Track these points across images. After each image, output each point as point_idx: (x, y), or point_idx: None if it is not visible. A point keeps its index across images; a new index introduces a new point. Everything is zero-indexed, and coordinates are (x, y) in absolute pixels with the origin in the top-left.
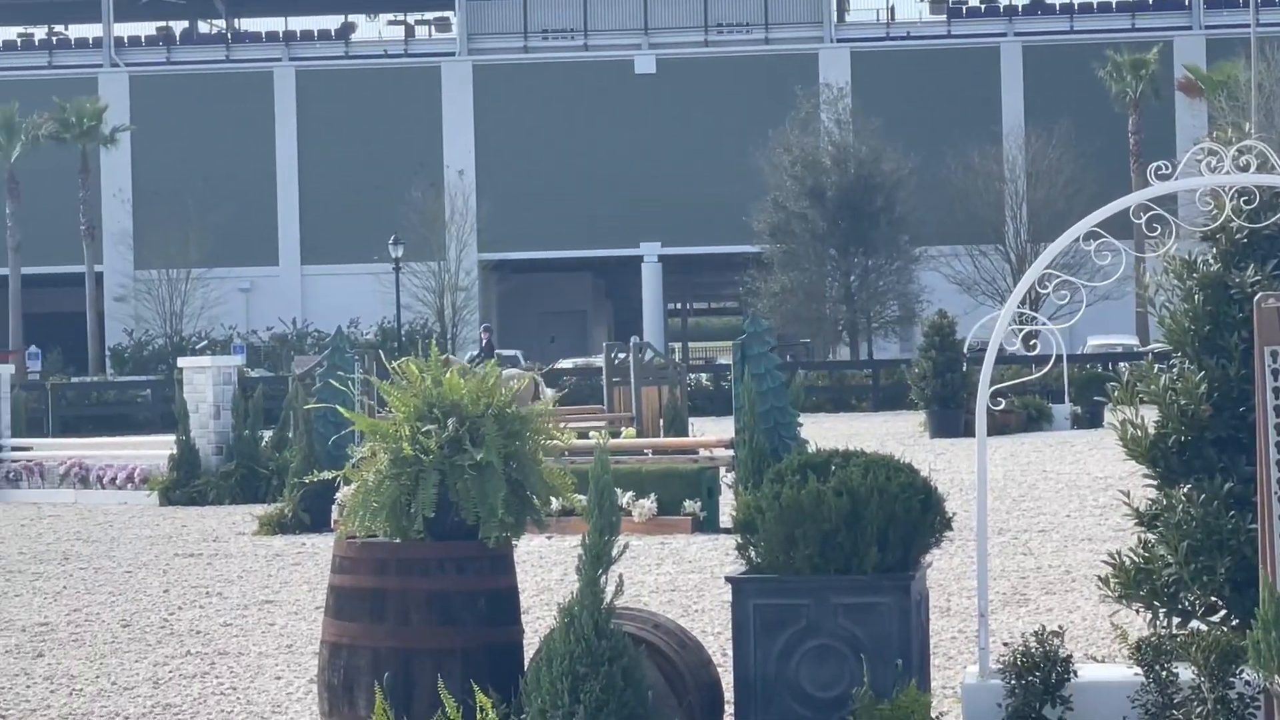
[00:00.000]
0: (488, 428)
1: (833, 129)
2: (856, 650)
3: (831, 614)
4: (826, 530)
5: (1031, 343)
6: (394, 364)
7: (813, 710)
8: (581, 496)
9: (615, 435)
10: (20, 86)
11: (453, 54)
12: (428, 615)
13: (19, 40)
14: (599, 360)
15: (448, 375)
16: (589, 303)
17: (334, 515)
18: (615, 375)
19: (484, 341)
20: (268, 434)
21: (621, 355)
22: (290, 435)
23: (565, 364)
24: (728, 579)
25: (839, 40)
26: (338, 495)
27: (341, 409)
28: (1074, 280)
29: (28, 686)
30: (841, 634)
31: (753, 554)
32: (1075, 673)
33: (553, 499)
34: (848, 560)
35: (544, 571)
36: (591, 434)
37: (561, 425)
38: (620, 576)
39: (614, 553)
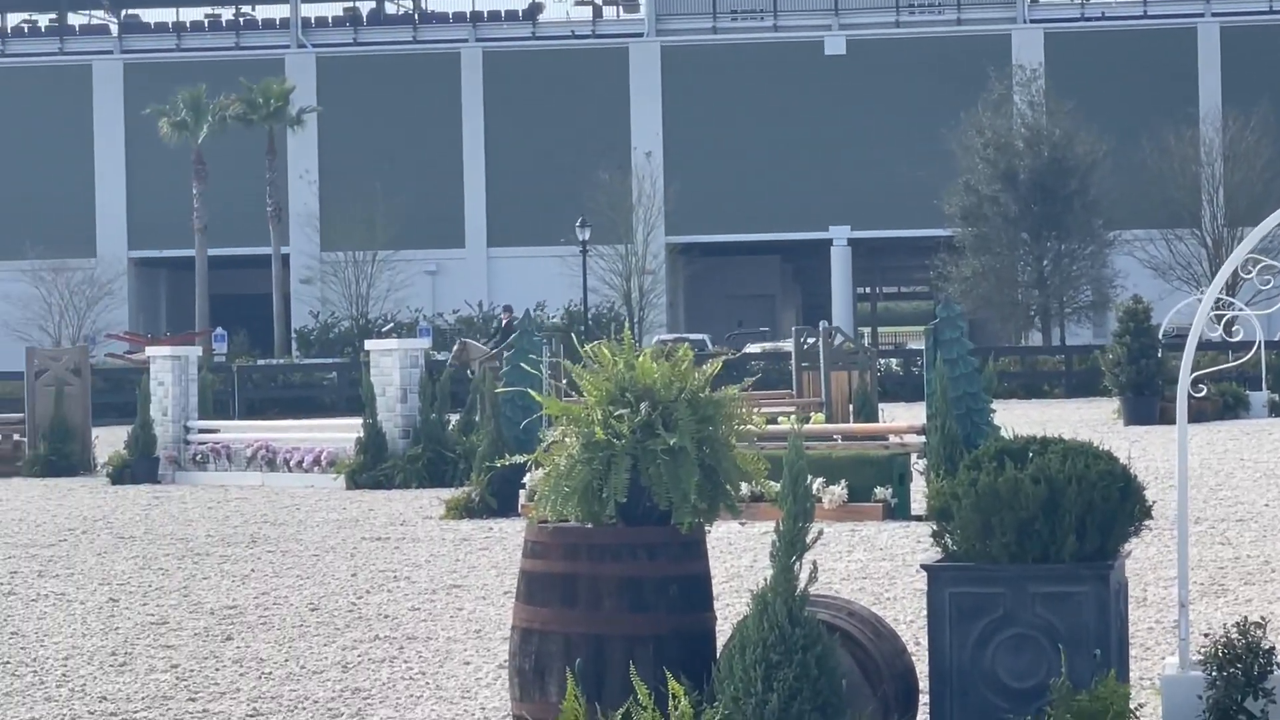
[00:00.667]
0: (681, 412)
1: (1026, 111)
2: (1054, 640)
3: (1028, 603)
4: (1024, 518)
5: (1234, 328)
6: (586, 347)
7: (1009, 700)
8: (774, 483)
9: (804, 421)
10: (208, 68)
11: (641, 35)
12: (619, 601)
13: (206, 21)
14: (787, 345)
15: (640, 359)
16: (777, 286)
17: (521, 499)
18: (804, 360)
19: (503, 322)
20: (454, 417)
21: (811, 340)
22: (477, 419)
23: (753, 348)
24: (923, 566)
25: (1032, 21)
26: (525, 479)
27: (533, 392)
28: (1277, 265)
29: (217, 669)
30: (1038, 623)
31: (948, 541)
32: (1279, 665)
33: (743, 484)
34: (1045, 549)
35: (734, 558)
36: (780, 419)
37: (753, 411)
38: (814, 563)
39: (808, 539)
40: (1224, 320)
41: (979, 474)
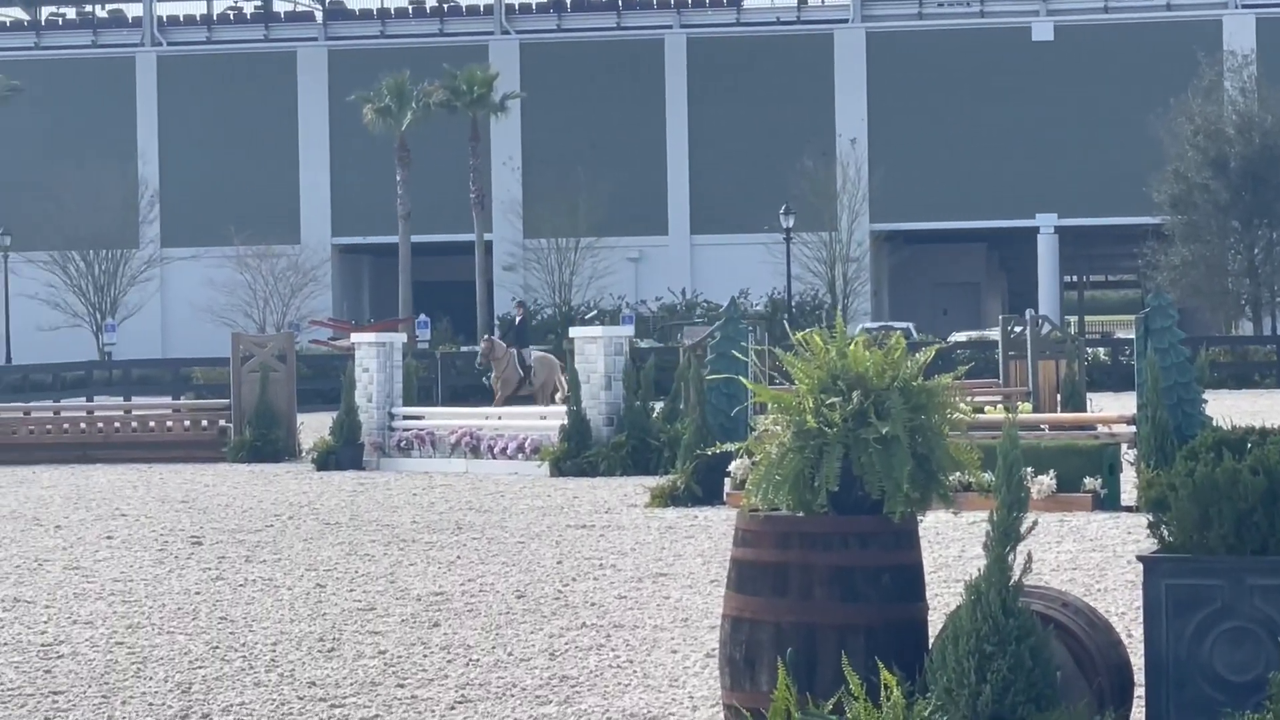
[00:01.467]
0: (893, 401)
1: (1237, 98)
2: (1273, 634)
3: (1247, 596)
4: (1242, 510)
5: None
6: (797, 335)
7: (1227, 694)
8: (985, 473)
9: (1010, 410)
10: (411, 54)
11: (846, 21)
12: (831, 590)
13: (410, 8)
14: (993, 333)
15: (852, 347)
16: (982, 274)
17: (726, 488)
18: (1011, 349)
19: (516, 319)
20: (658, 405)
21: (1018, 329)
22: (681, 407)
23: (959, 337)
24: (1139, 558)
25: (1244, 6)
26: (730, 467)
27: (744, 380)
28: None
29: (425, 656)
30: (1257, 616)
31: (1164, 533)
32: None
33: (954, 474)
34: (1264, 541)
35: (942, 547)
36: (986, 409)
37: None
38: (1028, 554)
39: (1022, 529)
40: None
41: (1196, 465)
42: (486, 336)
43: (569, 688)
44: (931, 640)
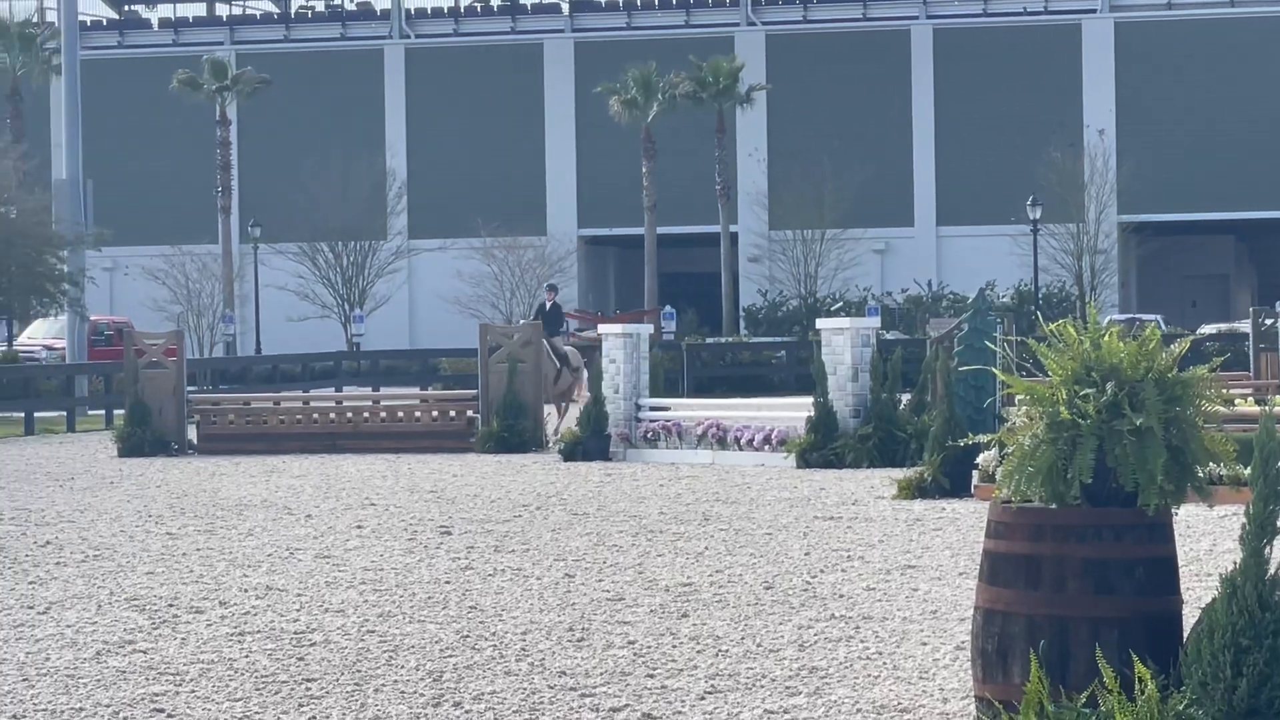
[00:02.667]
0: (1148, 392)
1: None
2: None
3: None
4: None
5: None
6: (1050, 326)
7: None
8: (1241, 466)
9: (1261, 404)
10: (657, 46)
11: (1094, 11)
12: (1084, 583)
13: (656, 0)
14: (1243, 326)
15: (1105, 338)
16: (1231, 266)
17: (974, 480)
18: (1262, 341)
19: (547, 303)
20: (905, 397)
21: (1269, 321)
22: (928, 398)
23: (1207, 329)
24: None
25: None
26: (979, 459)
27: (996, 371)
28: None
29: (674, 646)
30: None
31: None
32: None
33: (1209, 466)
34: None
35: (1193, 541)
36: (1238, 402)
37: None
38: None
39: (1279, 523)
40: None
41: None
42: (522, 323)
43: (818, 679)
44: (1185, 634)
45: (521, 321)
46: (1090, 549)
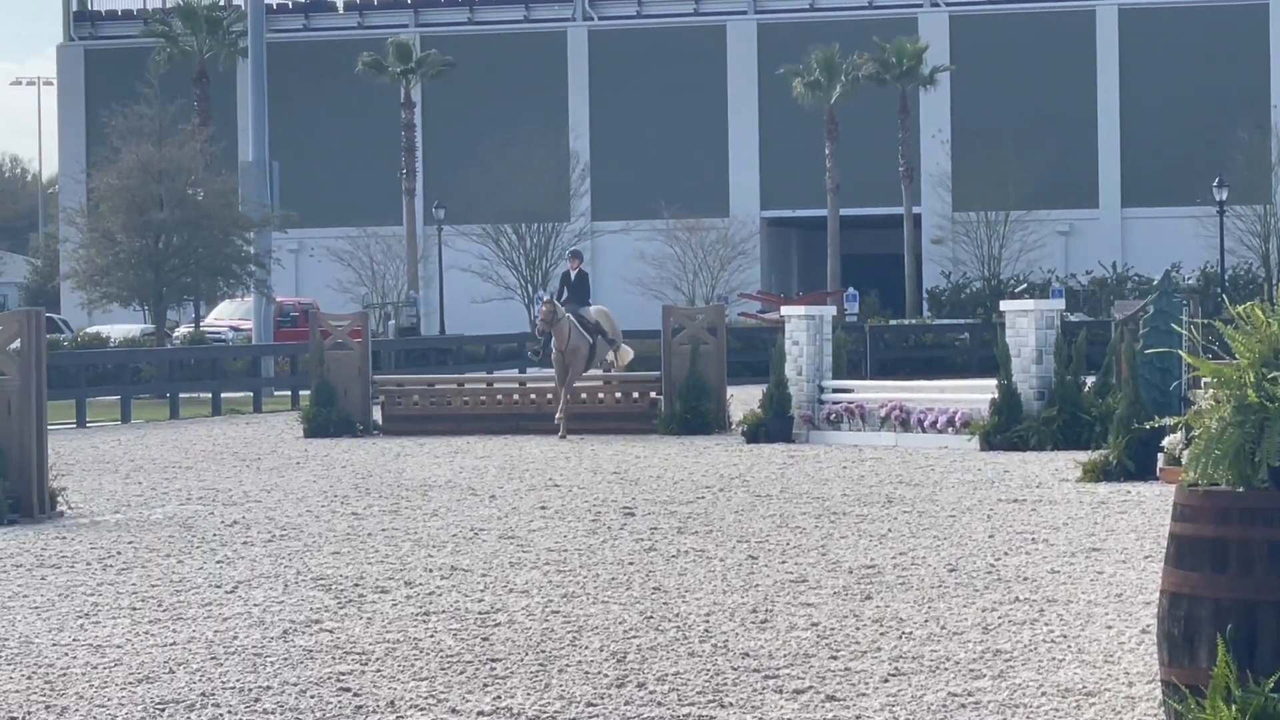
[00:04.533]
0: None
1: None
2: None
3: None
4: None
5: None
6: (1238, 309)
7: None
8: None
9: None
10: (840, 27)
11: None
12: (1272, 566)
13: None
14: None
15: None
16: None
17: (1159, 463)
18: None
19: (572, 272)
20: (1089, 379)
21: None
22: (1113, 381)
23: None
24: None
25: None
26: (1164, 442)
27: (1184, 354)
28: None
29: (857, 628)
30: None
31: None
32: None
33: None
34: None
35: None
36: None
37: None
38: None
39: None
40: None
41: None
42: (547, 298)
43: (1002, 662)
44: None
45: (554, 300)
46: (1278, 532)
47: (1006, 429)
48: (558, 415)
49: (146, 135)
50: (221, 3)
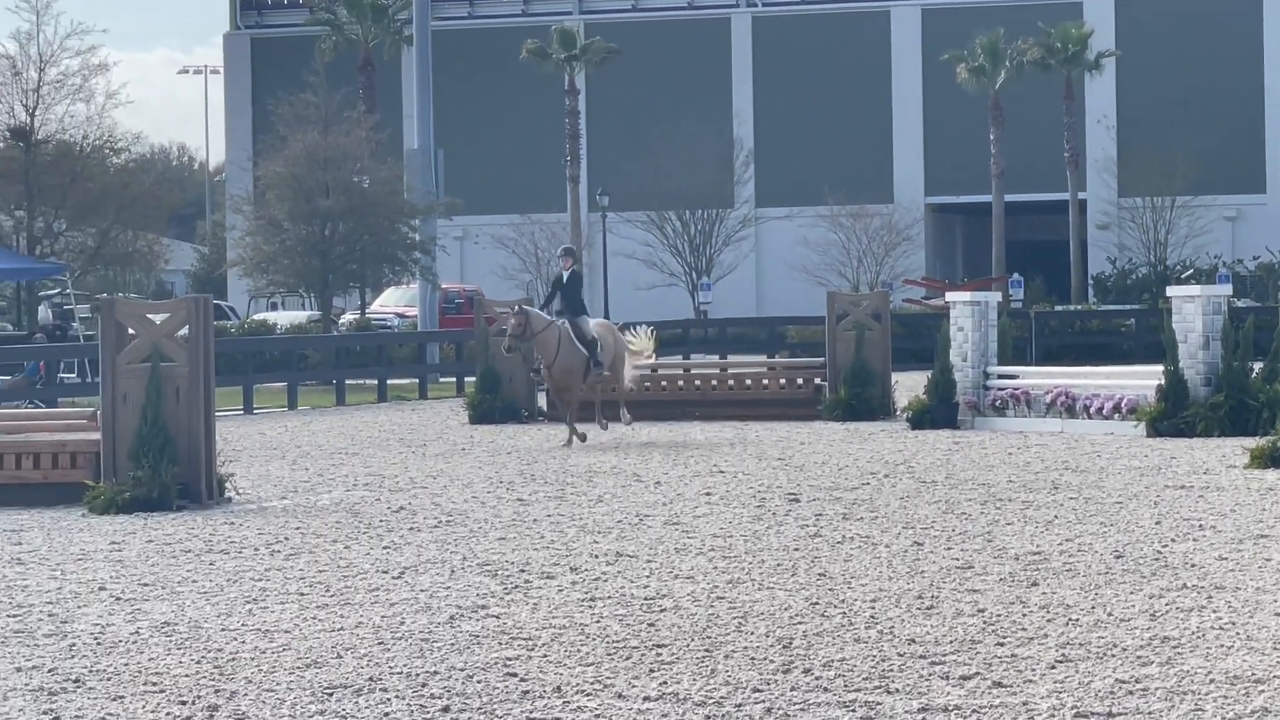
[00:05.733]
0: None
1: None
2: None
3: None
4: None
5: None
6: None
7: None
8: None
9: None
10: (1005, 13)
11: None
12: None
13: None
14: None
15: None
16: None
17: None
18: None
19: (565, 273)
20: (1257, 365)
21: None
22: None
23: None
24: None
25: None
26: None
27: None
28: None
29: (1023, 615)
30: None
31: None
32: None
33: None
34: None
35: None
36: None
37: None
38: None
39: None
40: None
41: None
42: (517, 305)
43: (1170, 649)
44: None
45: (526, 308)
46: None
47: (1173, 415)
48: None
49: (312, 123)
50: None
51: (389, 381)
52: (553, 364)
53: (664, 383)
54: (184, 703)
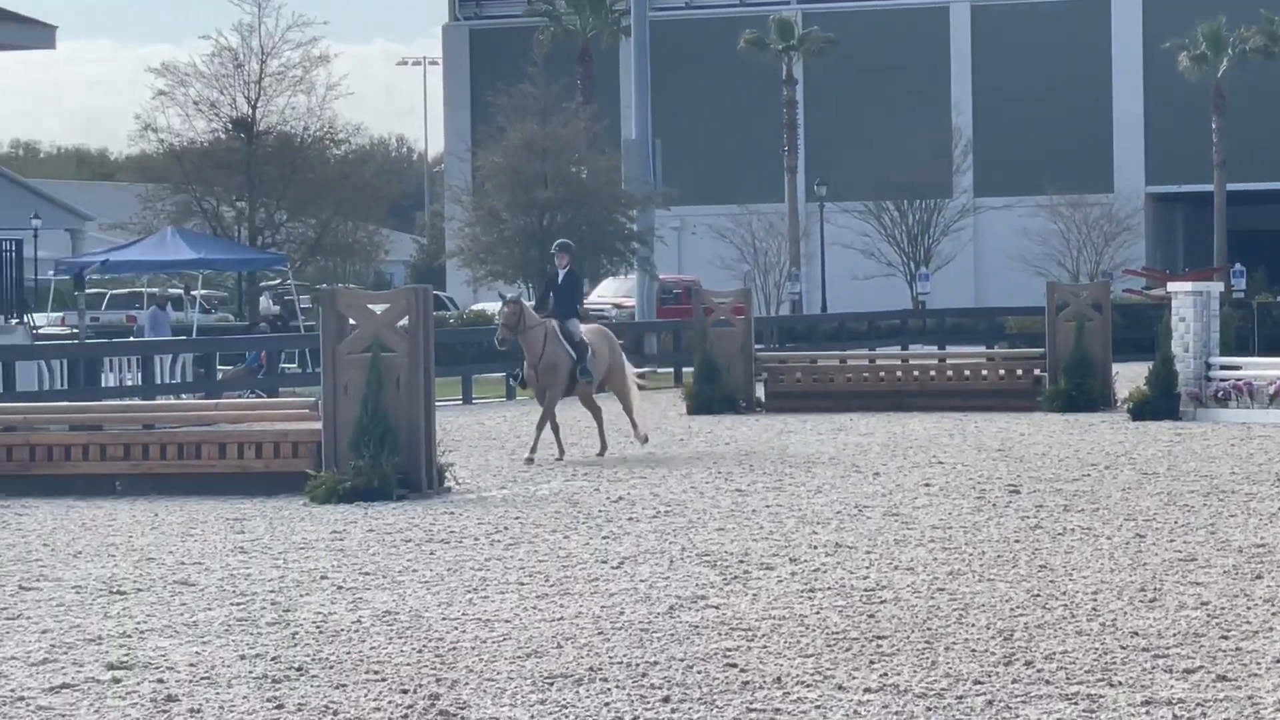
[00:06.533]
0: None
1: None
2: None
3: None
4: None
5: None
6: None
7: None
8: None
9: None
10: (1227, 0)
11: None
12: None
13: None
14: None
15: None
16: None
17: None
18: None
19: (560, 272)
20: None
21: None
22: None
23: None
24: None
25: None
26: None
27: None
28: None
29: (1248, 608)
30: None
31: None
32: None
33: None
34: None
35: None
36: None
37: None
38: None
39: None
40: None
41: None
42: (510, 299)
43: None
44: None
45: (520, 301)
46: None
47: None
48: (529, 453)
49: (531, 114)
50: None
51: None
52: (537, 363)
53: (882, 374)
54: (405, 691)
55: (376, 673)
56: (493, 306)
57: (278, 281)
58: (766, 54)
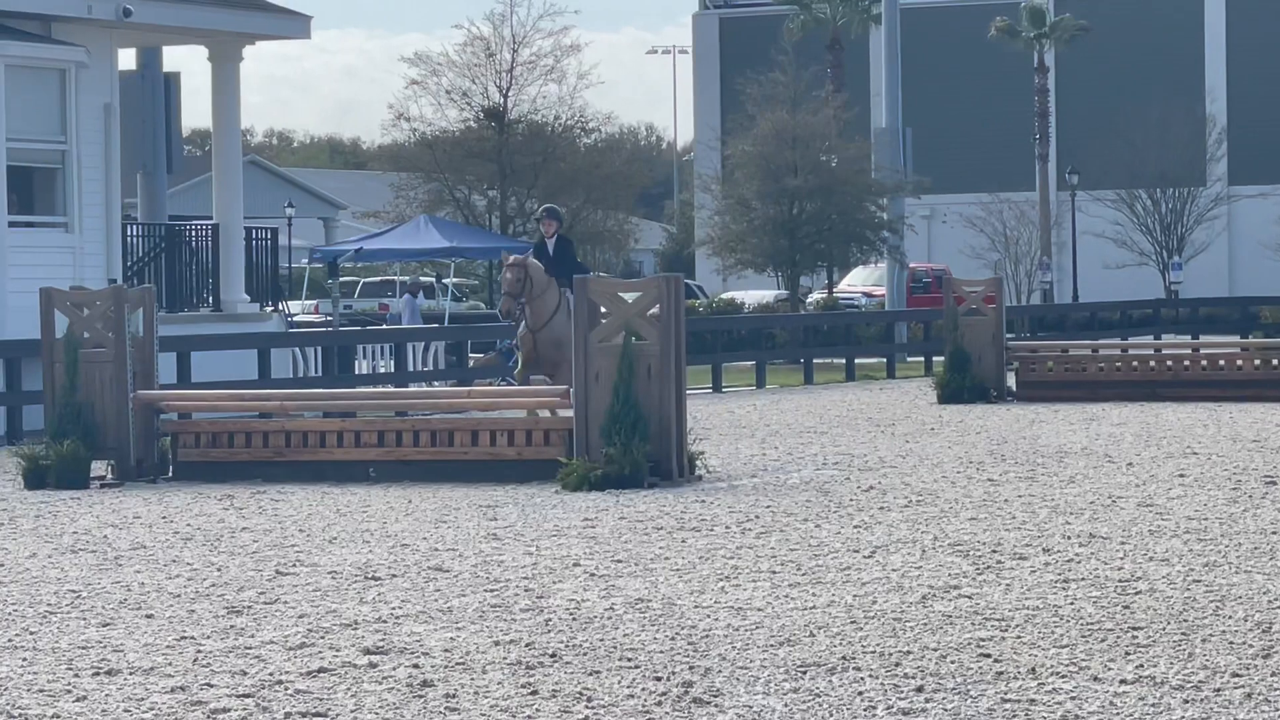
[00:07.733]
0: None
1: None
2: None
3: None
4: None
5: None
6: None
7: None
8: None
9: None
10: None
11: None
12: None
13: None
14: None
15: None
16: None
17: None
18: None
19: (549, 241)
20: None
21: None
22: None
23: None
24: None
25: None
26: None
27: None
28: None
29: None
30: None
31: None
32: None
33: None
34: None
35: None
36: None
37: None
38: None
39: None
40: None
41: None
42: (514, 259)
43: None
44: None
45: (526, 258)
46: None
47: None
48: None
49: (781, 102)
50: None
51: (856, 360)
52: (540, 329)
53: (1134, 363)
54: (659, 678)
55: (630, 660)
56: (742, 295)
57: None
58: (1018, 41)
